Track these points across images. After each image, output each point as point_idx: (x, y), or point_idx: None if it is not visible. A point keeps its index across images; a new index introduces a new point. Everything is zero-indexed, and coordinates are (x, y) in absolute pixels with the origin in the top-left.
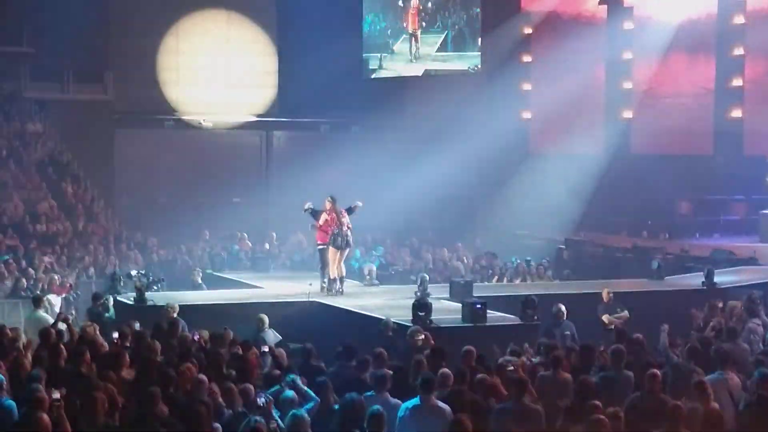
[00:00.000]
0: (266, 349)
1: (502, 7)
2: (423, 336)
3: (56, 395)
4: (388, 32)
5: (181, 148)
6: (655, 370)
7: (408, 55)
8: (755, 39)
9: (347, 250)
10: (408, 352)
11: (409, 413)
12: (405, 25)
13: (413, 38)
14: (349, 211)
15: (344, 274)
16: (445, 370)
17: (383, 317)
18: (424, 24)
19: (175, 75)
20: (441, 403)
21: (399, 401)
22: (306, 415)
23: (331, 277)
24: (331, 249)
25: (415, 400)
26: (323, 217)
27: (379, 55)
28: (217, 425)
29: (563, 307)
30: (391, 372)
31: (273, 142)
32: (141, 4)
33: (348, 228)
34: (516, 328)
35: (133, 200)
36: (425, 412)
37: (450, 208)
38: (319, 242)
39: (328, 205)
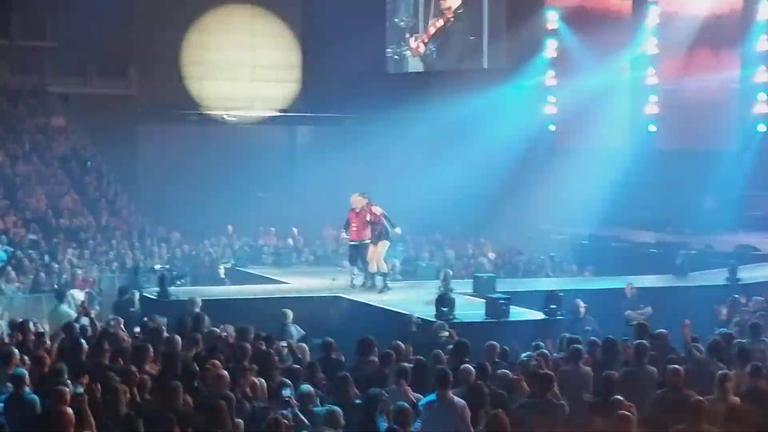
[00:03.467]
0: (284, 344)
1: (527, 2)
2: (447, 332)
3: (80, 389)
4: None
5: (204, 143)
6: (678, 366)
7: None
8: None
9: (381, 244)
10: (432, 348)
11: (425, 409)
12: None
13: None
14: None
15: (384, 269)
16: (467, 365)
17: (407, 312)
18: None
19: (199, 70)
20: (457, 399)
21: (420, 396)
22: (339, 410)
23: (371, 271)
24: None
25: (432, 396)
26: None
27: (399, 51)
28: (239, 420)
29: (581, 303)
30: (410, 366)
31: (297, 137)
32: None
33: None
34: (540, 324)
35: (156, 195)
36: (441, 407)
37: (474, 203)
38: (352, 239)
39: (358, 204)
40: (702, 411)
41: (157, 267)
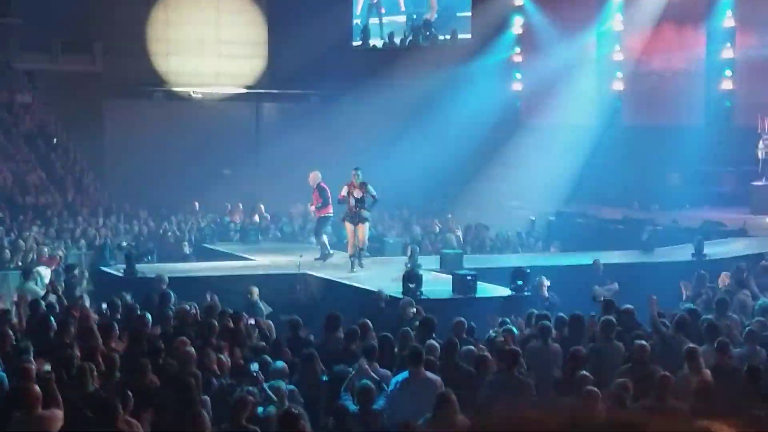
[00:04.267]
0: (252, 321)
1: None
2: (415, 309)
3: (47, 367)
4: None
5: (170, 120)
6: (644, 342)
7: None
8: (746, 10)
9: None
10: (400, 324)
11: (400, 386)
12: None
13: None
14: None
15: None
16: (432, 341)
17: (375, 289)
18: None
19: (164, 46)
20: (431, 375)
21: (388, 372)
22: (284, 385)
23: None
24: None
25: (405, 374)
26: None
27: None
28: (206, 397)
29: (545, 280)
30: (377, 343)
31: (263, 113)
32: None
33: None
34: (506, 300)
35: (122, 172)
36: (415, 384)
37: (440, 179)
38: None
39: (312, 180)
40: (668, 386)
41: (124, 244)
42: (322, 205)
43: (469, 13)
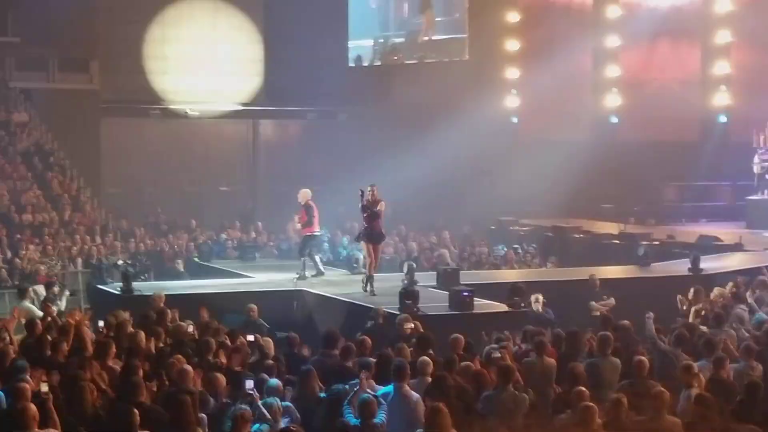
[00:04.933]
0: (251, 338)
1: None
2: (413, 324)
3: (44, 388)
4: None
5: (167, 138)
6: (643, 357)
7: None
8: (742, 26)
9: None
10: (398, 341)
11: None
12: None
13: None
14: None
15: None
16: (425, 357)
17: (372, 306)
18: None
19: (161, 64)
20: (411, 392)
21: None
22: (279, 402)
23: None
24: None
25: (388, 388)
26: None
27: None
28: (203, 415)
29: (540, 297)
30: (374, 360)
31: (260, 130)
32: None
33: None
34: (503, 316)
35: (119, 190)
36: (396, 399)
37: (437, 195)
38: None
39: (303, 198)
40: (665, 402)
41: (120, 262)
42: (307, 224)
43: (465, 31)
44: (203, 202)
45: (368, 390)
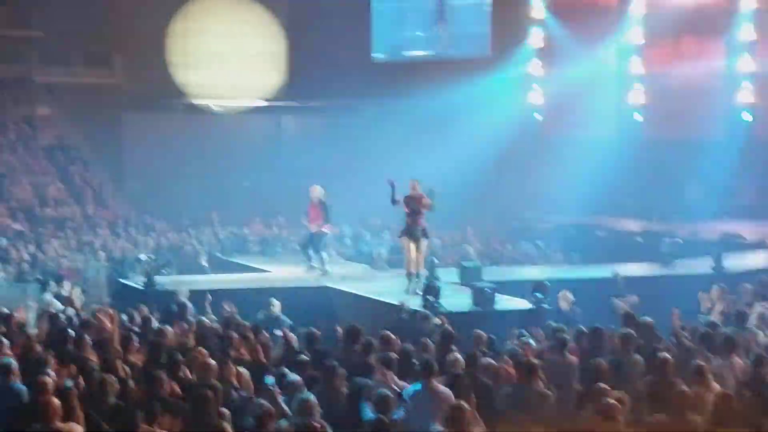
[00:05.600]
0: (280, 333)
1: None
2: (439, 321)
3: (69, 383)
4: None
5: (189, 132)
6: (666, 355)
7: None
8: (766, 22)
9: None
10: (421, 337)
11: (411, 399)
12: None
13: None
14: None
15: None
16: (455, 354)
17: (396, 302)
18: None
19: (184, 58)
20: (442, 387)
21: (406, 384)
22: (313, 397)
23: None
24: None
25: (417, 386)
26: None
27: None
28: (225, 410)
29: (569, 296)
30: (396, 356)
31: (282, 126)
32: None
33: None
34: (526, 313)
35: (141, 184)
36: (427, 396)
37: (460, 191)
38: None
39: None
40: (685, 401)
41: (143, 257)
42: (326, 221)
43: (488, 26)
44: (225, 197)
45: (393, 386)
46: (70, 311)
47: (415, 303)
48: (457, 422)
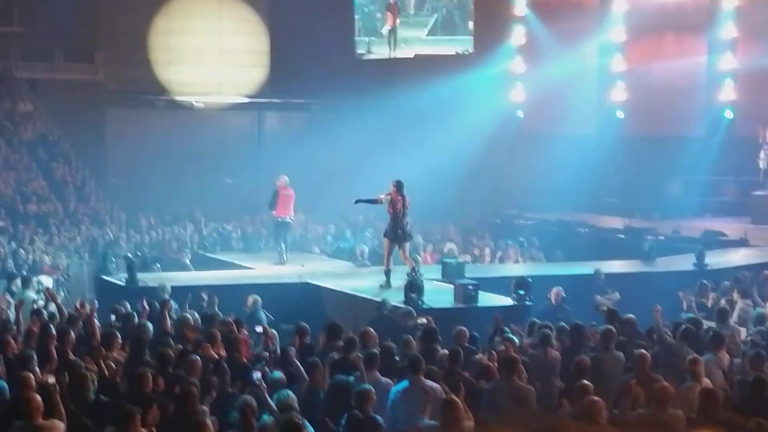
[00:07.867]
0: (259, 329)
1: None
2: (425, 319)
3: (51, 380)
4: (377, 15)
5: (172, 129)
6: (644, 351)
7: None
8: (748, 21)
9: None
10: (403, 334)
11: (400, 396)
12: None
13: (391, 34)
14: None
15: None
16: (444, 351)
17: (378, 298)
18: (398, 21)
19: (166, 55)
20: (430, 383)
21: (389, 381)
22: (292, 394)
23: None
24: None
25: (405, 383)
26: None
27: (367, 39)
28: (204, 408)
29: (561, 291)
30: (378, 351)
31: (265, 122)
32: None
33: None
34: (508, 309)
35: (124, 180)
36: (415, 393)
37: (442, 189)
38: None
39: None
40: (667, 395)
41: (125, 253)
42: (284, 209)
43: (471, 23)
44: (208, 194)
45: (375, 382)
46: (52, 307)
47: (396, 299)
48: (450, 417)
